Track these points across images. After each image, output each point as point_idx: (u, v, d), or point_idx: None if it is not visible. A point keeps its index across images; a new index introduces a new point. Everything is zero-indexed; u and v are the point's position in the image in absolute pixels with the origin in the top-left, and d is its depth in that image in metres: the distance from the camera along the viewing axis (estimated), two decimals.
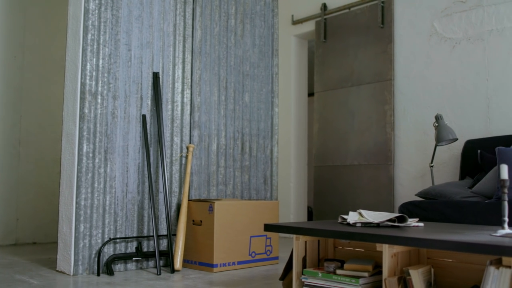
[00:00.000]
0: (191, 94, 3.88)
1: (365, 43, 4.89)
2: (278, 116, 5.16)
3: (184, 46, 3.86)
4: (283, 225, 2.37)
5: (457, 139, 3.87)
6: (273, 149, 4.48)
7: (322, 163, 5.15)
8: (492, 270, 1.70)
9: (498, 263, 1.73)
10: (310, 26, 5.52)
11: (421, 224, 2.44)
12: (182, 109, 3.81)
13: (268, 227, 2.44)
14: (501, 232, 1.96)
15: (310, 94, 7.91)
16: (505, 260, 1.66)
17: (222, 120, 4.09)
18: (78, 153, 3.22)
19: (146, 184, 3.52)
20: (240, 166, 4.18)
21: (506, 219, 1.97)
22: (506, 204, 1.95)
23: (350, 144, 4.92)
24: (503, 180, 1.96)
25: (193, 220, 3.50)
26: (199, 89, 3.93)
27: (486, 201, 3.08)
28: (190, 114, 3.87)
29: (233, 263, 3.44)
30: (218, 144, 4.05)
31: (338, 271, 2.18)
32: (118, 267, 3.33)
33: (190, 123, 3.86)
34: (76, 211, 3.17)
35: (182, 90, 3.83)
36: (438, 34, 4.44)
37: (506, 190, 1.96)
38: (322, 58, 5.26)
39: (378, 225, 2.33)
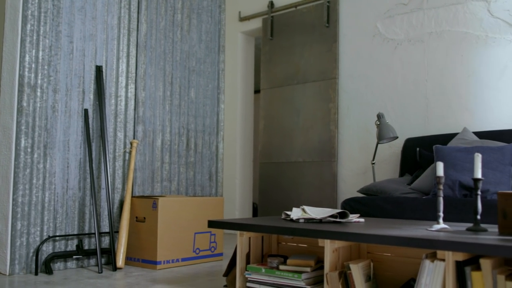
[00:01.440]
0: (136, 89, 3.82)
1: (311, 42, 4.96)
2: (224, 113, 5.15)
3: (128, 40, 3.79)
4: (227, 222, 2.38)
5: (397, 137, 3.99)
6: (218, 145, 4.47)
7: (267, 159, 5.19)
8: (427, 263, 1.76)
9: (433, 257, 1.80)
10: (257, 23, 5.53)
11: (362, 219, 2.50)
12: (126, 104, 3.74)
13: (212, 224, 2.43)
14: (436, 227, 2.03)
15: (257, 91, 7.94)
16: (440, 253, 1.72)
17: (167, 115, 4.05)
18: (16, 148, 3.10)
19: (88, 180, 3.43)
20: (185, 162, 4.15)
21: (441, 214, 2.05)
22: (441, 200, 2.03)
23: (295, 141, 4.98)
24: (439, 177, 2.03)
25: (137, 217, 3.45)
26: (143, 84, 3.87)
27: (424, 197, 3.19)
28: (134, 109, 3.80)
29: (177, 260, 3.41)
30: (163, 140, 4.00)
31: (281, 267, 2.20)
32: (58, 265, 3.24)
33: (134, 118, 3.79)
34: (12, 208, 3.06)
35: (126, 85, 3.75)
36: (381, 35, 4.56)
37: (441, 187, 2.04)
38: (269, 56, 5.29)
39: (320, 221, 2.37)
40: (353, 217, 2.50)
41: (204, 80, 4.37)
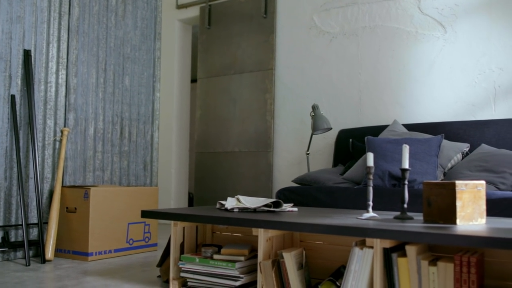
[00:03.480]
0: (67, 75, 3.68)
1: (248, 32, 4.96)
2: (160, 101, 5.08)
3: (59, 24, 3.64)
4: (161, 212, 2.35)
5: (331, 129, 4.07)
6: (153, 134, 4.40)
7: (203, 149, 5.17)
8: (357, 250, 1.82)
9: (362, 244, 1.86)
10: (194, 12, 5.47)
11: (296, 209, 2.54)
12: (57, 91, 3.60)
13: (145, 214, 2.40)
14: (366, 215, 2.10)
15: (193, 80, 7.88)
16: (368, 241, 1.78)
17: (100, 103, 3.93)
18: None
19: (15, 169, 3.29)
20: (119, 151, 4.05)
21: (371, 203, 2.12)
22: (371, 189, 2.09)
23: (231, 131, 4.99)
24: (369, 167, 2.10)
25: (67, 208, 3.34)
26: (75, 70, 3.74)
27: (355, 186, 3.28)
28: (65, 96, 3.67)
29: (110, 251, 3.34)
30: (96, 128, 3.89)
31: (215, 256, 2.20)
32: None
33: (65, 105, 3.66)
34: None
35: (57, 70, 3.61)
36: (317, 28, 4.63)
37: (371, 177, 2.10)
38: (206, 45, 5.25)
39: (254, 210, 2.39)
40: (287, 207, 2.53)
41: (139, 67, 4.28)
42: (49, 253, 3.17)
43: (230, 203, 2.48)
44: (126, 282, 2.51)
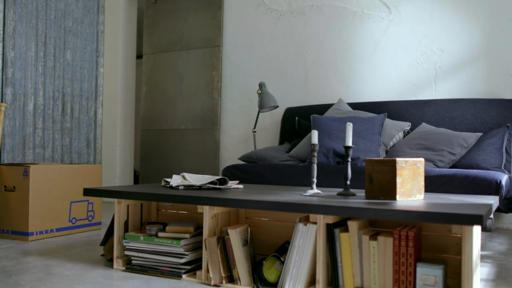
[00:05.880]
0: (3, 48, 3.51)
1: (196, 8, 4.88)
2: (104, 77, 4.94)
3: None
4: (103, 189, 2.30)
5: (278, 106, 4.09)
6: (97, 111, 4.28)
7: (149, 126, 5.08)
8: (300, 226, 1.84)
9: (306, 220, 1.89)
10: None
11: (241, 186, 2.55)
12: None
13: (87, 192, 2.34)
14: (310, 192, 2.13)
15: (139, 56, 7.70)
16: (312, 217, 1.81)
17: (40, 78, 3.78)
18: None
19: None
20: (61, 128, 3.93)
21: (315, 180, 2.15)
22: (315, 166, 2.12)
23: (178, 108, 4.92)
24: (313, 145, 2.12)
25: (5, 186, 3.22)
26: (12, 43, 3.57)
27: (301, 164, 3.33)
28: (2, 70, 3.50)
29: (51, 231, 3.25)
30: (36, 104, 3.74)
31: (160, 234, 2.18)
32: None
33: (2, 80, 3.50)
34: None
35: None
36: (265, 5, 4.61)
37: (315, 154, 2.13)
38: (152, 20, 5.13)
39: (200, 188, 2.38)
40: (232, 184, 2.54)
41: (81, 41, 4.13)
42: None
43: (175, 180, 2.46)
44: (69, 262, 2.46)
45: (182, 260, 2.10)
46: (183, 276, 2.09)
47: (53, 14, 3.89)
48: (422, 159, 1.98)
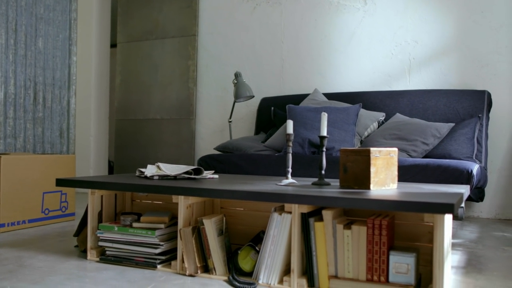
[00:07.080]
0: None
1: None
2: (77, 66, 4.86)
3: None
4: (76, 180, 2.27)
5: (253, 96, 4.09)
6: (70, 100, 4.22)
7: (124, 116, 5.03)
8: (275, 216, 1.85)
9: (281, 210, 1.90)
10: None
11: (216, 176, 2.54)
12: None
13: (60, 182, 2.30)
14: (285, 181, 2.14)
15: (113, 45, 7.59)
16: (287, 206, 1.82)
17: (11, 66, 3.70)
18: None
19: None
20: (33, 117, 3.85)
21: (290, 169, 2.16)
22: (290, 156, 2.13)
23: (153, 98, 4.88)
24: (288, 135, 2.13)
25: None
26: None
27: (276, 154, 3.33)
28: None
29: (23, 222, 3.20)
30: (6, 93, 3.66)
31: (135, 224, 2.17)
32: None
33: None
34: None
35: None
36: None
37: (290, 144, 2.14)
38: (126, 8, 5.05)
39: (175, 178, 2.37)
40: (208, 174, 2.53)
41: (53, 29, 4.05)
42: None
43: (150, 170, 2.44)
44: (41, 253, 2.43)
45: (157, 251, 2.09)
46: (158, 266, 2.08)
47: (24, 0, 3.80)
48: (396, 149, 2.00)
